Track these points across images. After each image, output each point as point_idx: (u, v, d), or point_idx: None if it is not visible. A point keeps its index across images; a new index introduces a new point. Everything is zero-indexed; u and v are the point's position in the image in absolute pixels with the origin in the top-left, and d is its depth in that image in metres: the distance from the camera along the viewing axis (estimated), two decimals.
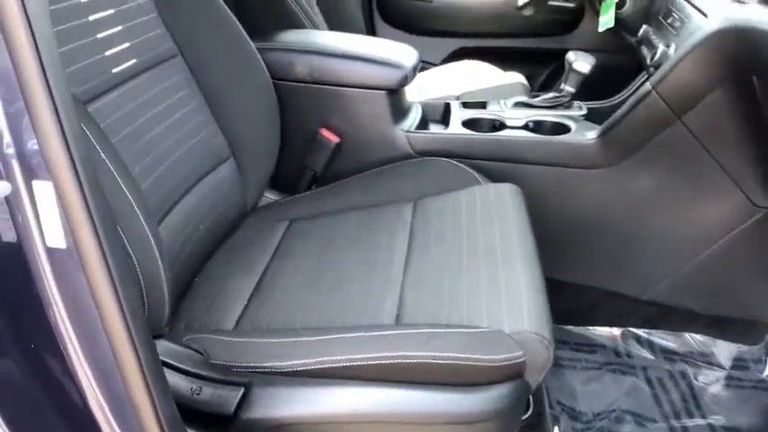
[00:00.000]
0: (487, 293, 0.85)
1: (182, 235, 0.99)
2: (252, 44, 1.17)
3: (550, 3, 1.87)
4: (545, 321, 0.81)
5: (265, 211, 1.25)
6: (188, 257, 1.01)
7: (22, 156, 0.53)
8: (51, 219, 0.55)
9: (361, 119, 1.26)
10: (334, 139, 1.26)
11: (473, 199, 1.12)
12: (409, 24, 2.09)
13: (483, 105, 1.39)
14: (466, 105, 1.39)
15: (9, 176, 0.53)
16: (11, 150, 0.52)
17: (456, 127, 1.29)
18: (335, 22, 1.88)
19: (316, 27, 1.51)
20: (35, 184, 0.53)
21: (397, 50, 1.30)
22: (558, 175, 1.22)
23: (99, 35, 0.91)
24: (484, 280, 0.88)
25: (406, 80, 1.25)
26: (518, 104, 1.36)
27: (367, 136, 1.27)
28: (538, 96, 1.38)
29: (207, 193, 1.07)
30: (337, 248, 1.06)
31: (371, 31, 2.13)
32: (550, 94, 1.34)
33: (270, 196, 1.32)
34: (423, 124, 1.34)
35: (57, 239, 0.55)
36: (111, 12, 0.94)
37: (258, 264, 1.04)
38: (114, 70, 0.92)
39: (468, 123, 1.31)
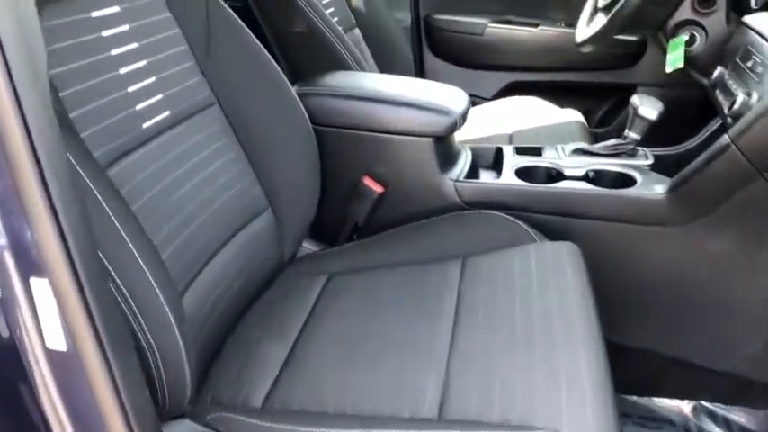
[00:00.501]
0: (544, 383, 0.75)
1: (213, 295, 0.93)
2: (292, 89, 1.12)
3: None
4: (611, 421, 0.70)
5: (303, 262, 1.18)
6: (219, 318, 0.94)
7: (16, 248, 0.47)
8: (50, 318, 0.48)
9: (406, 167, 1.18)
10: (378, 188, 1.19)
11: (527, 259, 1.02)
12: (459, 58, 2.02)
13: (538, 152, 1.29)
14: (520, 151, 1.29)
15: (3, 272, 0.47)
16: (2, 241, 0.46)
17: (509, 176, 1.20)
18: (384, 57, 1.82)
19: (361, 66, 1.45)
20: (32, 281, 0.47)
21: (446, 94, 1.22)
22: (623, 233, 1.11)
23: (130, 89, 0.86)
24: (540, 364, 0.78)
25: (454, 127, 1.16)
26: (577, 151, 1.26)
27: (412, 185, 1.19)
28: (597, 134, 1.28)
29: (241, 249, 1.01)
30: (378, 312, 0.97)
31: (420, 64, 2.07)
32: (612, 141, 1.23)
33: (308, 246, 1.25)
34: (472, 171, 1.25)
35: (57, 341, 0.49)
36: (143, 63, 0.90)
37: (293, 326, 0.97)
38: (145, 125, 0.88)
39: (522, 172, 1.21)
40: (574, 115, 1.70)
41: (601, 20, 1.43)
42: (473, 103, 2.02)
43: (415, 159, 1.17)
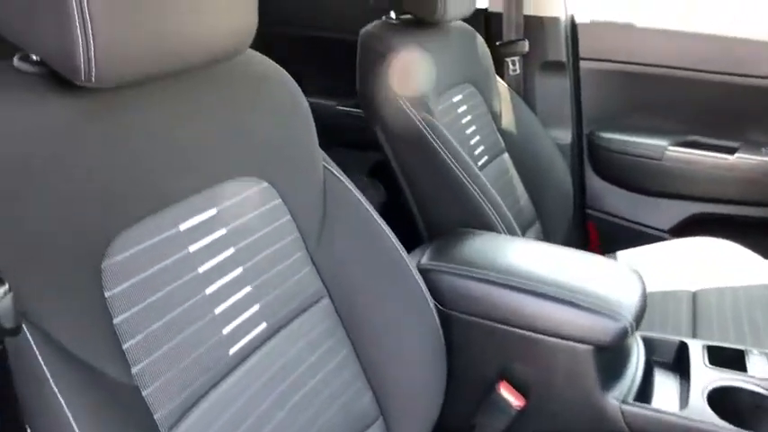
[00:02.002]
0: None
1: None
2: (414, 270, 0.93)
3: None
4: None
5: None
6: None
7: None
8: None
9: (556, 378, 0.93)
10: (518, 401, 0.94)
11: None
12: (630, 182, 1.72)
13: (740, 358, 0.97)
14: (714, 358, 0.97)
15: None
16: None
17: (698, 404, 0.89)
18: (537, 180, 1.59)
19: (506, 223, 1.22)
20: None
21: (616, 284, 0.95)
22: None
23: (217, 310, 0.72)
24: None
25: (624, 335, 0.89)
26: None
27: (563, 403, 0.93)
28: None
29: None
30: None
31: (581, 186, 1.80)
32: None
33: None
34: (647, 373, 0.97)
35: None
36: (239, 271, 0.76)
37: None
38: (232, 350, 0.73)
39: (717, 395, 0.90)
40: None
41: None
42: (643, 236, 1.73)
43: (569, 370, 0.92)
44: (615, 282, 0.96)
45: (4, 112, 0.56)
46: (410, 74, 1.23)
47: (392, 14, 1.36)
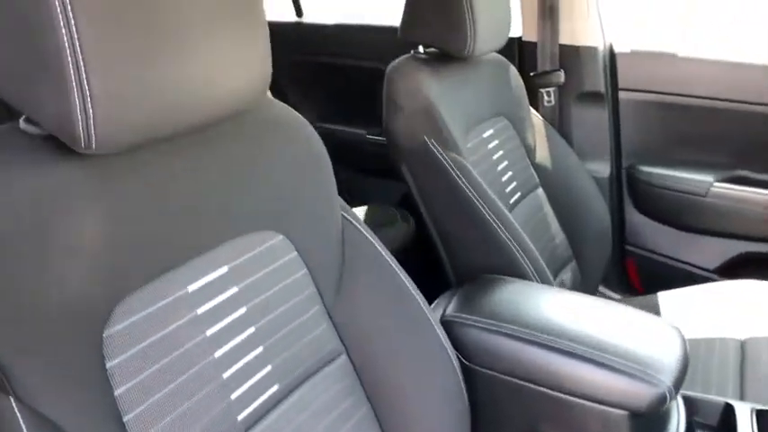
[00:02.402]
0: None
1: None
2: (435, 323, 0.88)
3: None
4: None
5: None
6: None
7: None
8: None
9: None
10: None
11: None
12: (672, 218, 1.63)
13: None
14: (763, 422, 0.90)
15: None
16: None
17: None
18: (572, 216, 1.53)
19: (537, 269, 1.17)
20: None
21: (654, 343, 0.89)
22: None
23: (225, 374, 0.69)
24: None
25: (663, 401, 0.82)
26: None
27: None
28: None
29: None
30: None
31: (620, 221, 1.72)
32: None
33: None
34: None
35: None
36: (251, 330, 0.73)
37: None
38: (240, 416, 0.70)
39: None
40: None
41: None
42: (690, 275, 1.63)
43: None
44: (654, 340, 0.89)
45: (5, 175, 0.55)
46: (437, 112, 1.19)
47: (420, 49, 1.33)
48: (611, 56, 1.62)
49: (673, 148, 1.61)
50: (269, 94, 2.29)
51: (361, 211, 1.96)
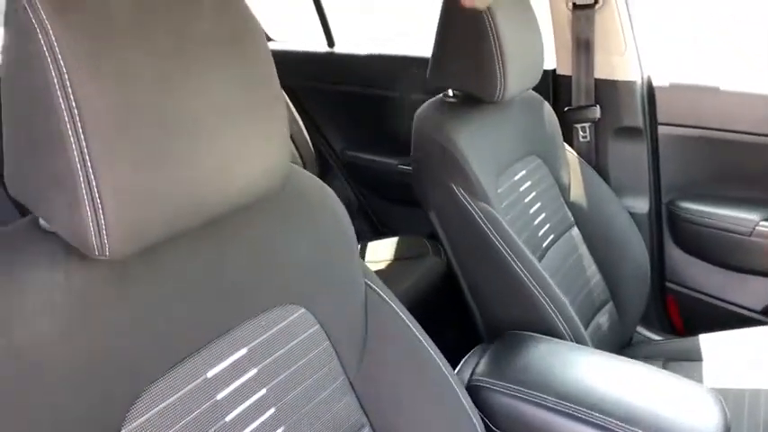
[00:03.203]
0: None
1: None
2: (461, 391, 0.86)
3: None
4: None
5: None
6: None
7: None
8: None
9: None
10: None
11: None
12: (715, 256, 1.57)
13: None
14: None
15: None
16: None
17: None
18: (609, 254, 1.48)
19: (572, 327, 1.13)
20: None
21: (695, 416, 0.84)
22: None
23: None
24: None
25: None
26: None
27: None
28: None
29: None
30: None
31: (660, 258, 1.66)
32: None
33: None
34: None
35: None
36: (271, 412, 0.72)
37: None
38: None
39: None
40: None
41: None
42: (735, 316, 1.56)
43: None
44: (693, 414, 0.85)
45: (22, 280, 0.55)
46: (465, 160, 1.16)
47: (450, 92, 1.31)
48: (650, 90, 1.56)
49: (715, 185, 1.54)
50: (300, 123, 2.29)
51: (391, 243, 1.94)
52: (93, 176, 0.50)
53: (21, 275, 0.55)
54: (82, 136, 0.49)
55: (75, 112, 0.49)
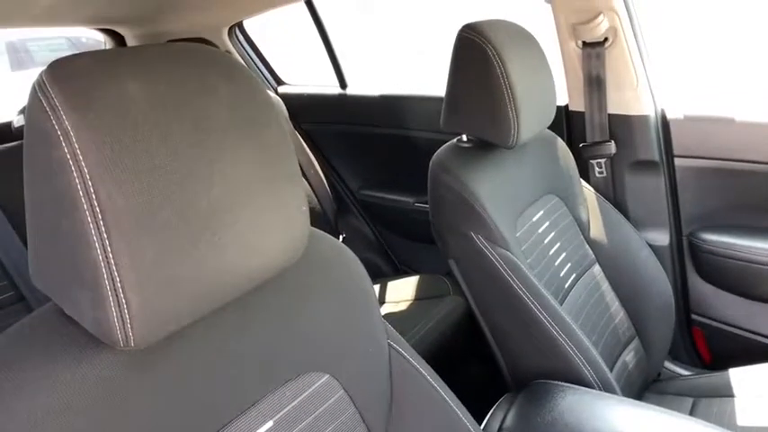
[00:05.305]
0: None
1: None
2: None
3: None
4: None
5: None
6: None
7: None
8: None
9: None
10: None
11: None
12: (738, 286, 1.54)
13: None
14: None
15: None
16: None
17: None
18: (631, 289, 1.46)
19: (598, 373, 1.11)
20: None
21: None
22: None
23: None
24: None
25: None
26: None
27: None
28: None
29: None
30: None
31: (683, 291, 1.64)
32: None
33: None
34: None
35: None
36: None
37: None
38: None
39: None
40: None
41: None
42: (764, 349, 1.53)
43: None
44: None
45: (46, 366, 0.56)
46: (482, 206, 1.16)
47: (464, 137, 1.31)
48: (665, 122, 1.55)
49: (736, 215, 1.53)
50: (316, 164, 2.29)
51: (411, 282, 1.93)
52: (116, 274, 0.51)
53: (51, 372, 0.56)
54: (105, 235, 0.50)
55: (98, 211, 0.50)
